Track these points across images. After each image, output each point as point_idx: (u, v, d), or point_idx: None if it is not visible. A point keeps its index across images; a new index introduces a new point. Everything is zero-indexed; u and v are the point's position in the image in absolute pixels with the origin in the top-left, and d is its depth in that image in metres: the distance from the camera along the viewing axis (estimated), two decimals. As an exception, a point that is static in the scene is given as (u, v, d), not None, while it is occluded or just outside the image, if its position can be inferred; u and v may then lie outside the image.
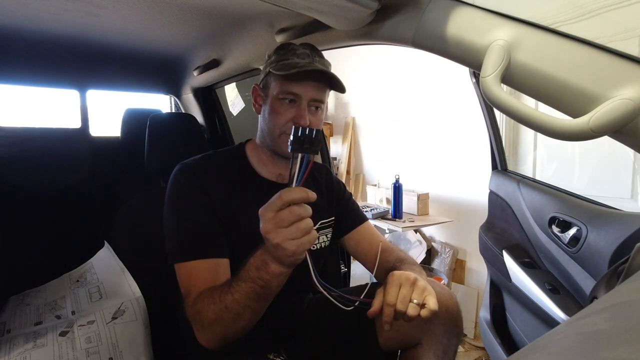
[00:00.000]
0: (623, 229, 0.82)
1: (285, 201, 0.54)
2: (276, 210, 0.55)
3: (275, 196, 0.56)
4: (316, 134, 0.57)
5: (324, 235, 0.94)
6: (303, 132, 0.57)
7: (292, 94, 0.79)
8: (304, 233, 0.55)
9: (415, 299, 0.65)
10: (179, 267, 0.75)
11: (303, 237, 0.55)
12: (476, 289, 2.28)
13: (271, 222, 0.55)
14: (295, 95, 0.79)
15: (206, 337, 0.68)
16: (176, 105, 1.92)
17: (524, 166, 2.06)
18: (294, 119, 0.79)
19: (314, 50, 0.83)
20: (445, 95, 2.40)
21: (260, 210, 0.57)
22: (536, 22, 0.54)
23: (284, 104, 0.80)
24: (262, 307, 0.66)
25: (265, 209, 0.56)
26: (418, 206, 2.39)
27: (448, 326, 0.82)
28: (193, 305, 0.69)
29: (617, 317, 0.27)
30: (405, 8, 0.67)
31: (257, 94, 0.87)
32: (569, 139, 0.50)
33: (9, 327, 0.95)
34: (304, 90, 0.79)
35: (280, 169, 0.89)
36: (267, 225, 0.55)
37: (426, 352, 0.82)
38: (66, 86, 1.53)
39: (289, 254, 0.56)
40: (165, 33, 1.22)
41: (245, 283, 0.63)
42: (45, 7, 0.98)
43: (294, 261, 0.59)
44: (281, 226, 0.54)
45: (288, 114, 0.79)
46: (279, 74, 0.77)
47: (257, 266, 0.62)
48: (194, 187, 0.79)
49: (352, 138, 3.14)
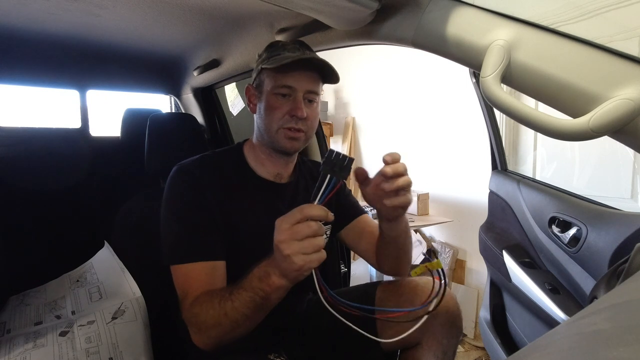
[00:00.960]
0: (623, 229, 0.82)
1: (305, 215, 0.56)
2: (294, 223, 0.56)
3: (295, 209, 0.57)
4: (348, 162, 0.59)
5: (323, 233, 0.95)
6: (337, 156, 0.59)
7: (287, 87, 0.79)
8: (314, 249, 0.56)
9: None
10: (175, 269, 0.75)
11: (313, 253, 0.56)
12: (476, 289, 2.28)
13: (286, 233, 0.56)
14: (289, 89, 0.79)
15: (202, 340, 0.69)
16: (176, 105, 1.92)
17: (524, 166, 2.06)
18: (290, 112, 0.79)
19: (303, 45, 0.83)
20: (445, 95, 2.40)
21: (278, 220, 0.58)
22: (536, 22, 0.54)
23: (279, 99, 0.80)
24: (259, 318, 0.67)
25: (282, 220, 0.57)
26: (418, 206, 2.39)
27: (448, 326, 0.82)
28: (190, 308, 0.69)
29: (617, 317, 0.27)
30: (405, 8, 0.67)
31: (251, 94, 0.87)
32: (569, 139, 0.50)
33: (9, 327, 0.95)
34: (298, 82, 0.79)
35: (278, 168, 0.89)
36: (281, 235, 0.56)
37: (426, 352, 0.82)
38: (66, 86, 1.53)
39: (296, 268, 0.56)
40: (165, 33, 1.22)
41: (246, 292, 0.63)
42: (45, 7, 0.98)
43: (297, 276, 0.59)
44: (295, 239, 0.55)
45: (284, 108, 0.79)
46: (272, 67, 0.76)
47: (259, 277, 0.62)
48: (190, 188, 0.79)
49: (352, 138, 3.14)
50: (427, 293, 0.83)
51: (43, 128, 1.51)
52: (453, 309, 0.83)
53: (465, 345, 2.14)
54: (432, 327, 0.81)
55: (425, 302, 0.72)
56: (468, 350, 2.11)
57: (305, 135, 0.83)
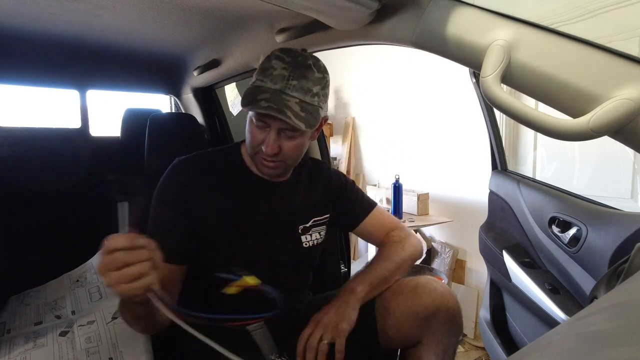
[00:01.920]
0: (623, 229, 0.82)
1: (108, 249, 0.53)
2: (104, 254, 0.54)
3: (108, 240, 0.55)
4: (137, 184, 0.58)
5: (317, 233, 0.95)
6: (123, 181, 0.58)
7: (261, 121, 0.77)
8: (132, 278, 0.53)
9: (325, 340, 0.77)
10: None
11: (133, 281, 0.53)
12: (476, 289, 2.28)
13: (100, 265, 0.54)
14: (264, 123, 0.77)
15: None
16: (176, 105, 1.92)
17: (524, 166, 2.06)
18: (262, 144, 0.78)
19: (296, 68, 0.75)
20: (445, 95, 2.40)
21: None
22: (536, 22, 0.54)
23: (256, 127, 0.79)
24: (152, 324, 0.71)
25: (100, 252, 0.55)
26: (418, 206, 2.38)
27: (448, 325, 0.82)
28: None
29: (617, 317, 0.27)
30: (405, 8, 0.67)
31: None
32: (569, 139, 0.50)
33: (9, 327, 0.95)
34: (272, 121, 0.76)
35: None
36: (98, 267, 0.55)
37: (426, 351, 0.82)
38: (66, 86, 1.53)
39: (124, 296, 0.55)
40: (165, 33, 1.22)
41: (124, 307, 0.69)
42: (46, 7, 0.98)
43: (130, 302, 0.60)
44: (109, 269, 0.53)
45: (259, 138, 0.78)
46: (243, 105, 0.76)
47: None
48: (174, 185, 0.82)
49: (352, 138, 3.14)
50: (428, 292, 0.83)
51: (43, 128, 1.51)
52: (453, 308, 0.83)
53: (465, 345, 2.14)
54: (433, 326, 0.81)
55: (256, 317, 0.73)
56: (468, 350, 2.11)
57: (285, 164, 0.83)
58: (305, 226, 0.93)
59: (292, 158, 0.83)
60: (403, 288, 0.87)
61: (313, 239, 0.94)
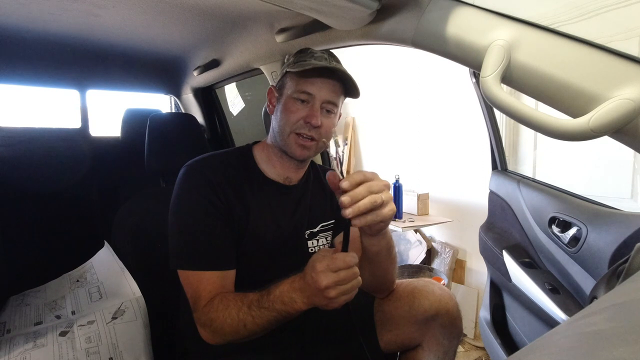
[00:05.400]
0: (623, 229, 0.82)
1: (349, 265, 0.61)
2: (336, 270, 0.61)
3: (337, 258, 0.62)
4: None
5: (324, 238, 0.94)
6: None
7: (306, 93, 0.79)
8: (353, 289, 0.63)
9: None
10: (183, 273, 0.76)
11: (348, 294, 0.62)
12: (476, 289, 2.28)
13: (332, 279, 0.60)
14: (309, 95, 0.79)
15: (214, 339, 0.73)
16: (176, 105, 1.92)
17: (523, 166, 2.05)
18: (305, 118, 0.79)
19: (332, 56, 0.83)
20: (445, 95, 2.39)
21: (319, 266, 0.61)
22: (536, 22, 0.54)
23: (297, 103, 0.80)
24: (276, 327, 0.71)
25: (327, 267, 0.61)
26: (418, 206, 2.38)
27: (448, 327, 0.82)
28: (205, 312, 0.72)
29: (617, 317, 0.27)
30: (405, 8, 0.67)
31: (272, 95, 0.87)
32: (569, 139, 0.50)
33: (9, 327, 0.95)
34: (318, 91, 0.79)
35: (288, 172, 0.88)
36: (328, 281, 0.60)
37: (426, 353, 0.82)
38: (66, 86, 1.54)
39: (334, 305, 0.62)
40: (165, 33, 1.22)
41: (268, 312, 0.67)
42: (46, 7, 0.98)
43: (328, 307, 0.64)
44: (341, 284, 0.61)
45: (300, 113, 0.79)
46: (295, 71, 0.77)
47: (283, 301, 0.66)
48: (203, 190, 0.78)
49: (352, 138, 3.14)
50: (426, 295, 0.83)
51: (43, 128, 1.51)
52: (453, 310, 0.83)
53: (465, 345, 2.14)
54: (433, 329, 0.81)
55: None
56: (468, 350, 2.11)
57: (317, 144, 0.83)
58: (312, 231, 0.92)
59: (326, 137, 0.84)
60: (401, 292, 0.86)
61: (319, 245, 0.93)
